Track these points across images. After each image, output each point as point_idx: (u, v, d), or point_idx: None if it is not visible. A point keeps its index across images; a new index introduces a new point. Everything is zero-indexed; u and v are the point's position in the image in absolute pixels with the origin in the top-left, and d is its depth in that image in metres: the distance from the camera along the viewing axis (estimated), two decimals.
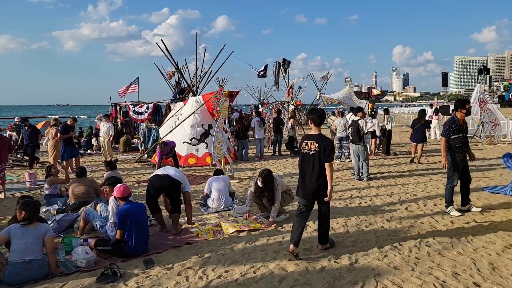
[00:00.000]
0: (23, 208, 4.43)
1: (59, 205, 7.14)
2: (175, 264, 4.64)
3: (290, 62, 21.43)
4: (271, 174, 6.25)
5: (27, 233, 4.31)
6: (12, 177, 11.06)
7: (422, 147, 11.87)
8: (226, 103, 11.30)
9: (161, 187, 5.84)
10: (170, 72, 20.11)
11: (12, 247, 4.28)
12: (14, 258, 4.22)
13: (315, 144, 4.63)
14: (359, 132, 9.43)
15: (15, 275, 4.19)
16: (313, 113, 4.81)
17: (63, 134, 10.86)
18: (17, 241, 4.26)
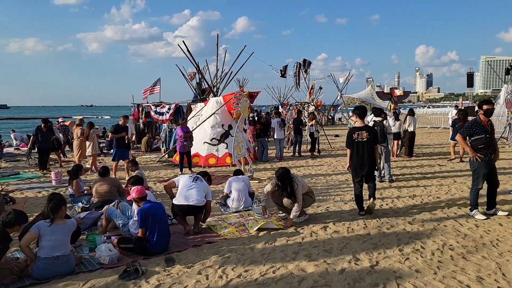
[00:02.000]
0: (49, 201, 4.57)
1: (83, 203, 7.32)
2: (195, 263, 4.69)
3: (311, 62, 21.32)
4: (286, 172, 6.17)
5: (56, 230, 4.44)
6: (39, 175, 11.39)
7: None
8: (246, 103, 11.35)
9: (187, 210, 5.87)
10: (191, 73, 20.31)
11: (41, 244, 4.42)
12: (43, 254, 4.36)
13: (366, 133, 6.36)
14: (384, 133, 9.32)
15: (43, 270, 4.33)
16: (358, 109, 6.62)
17: (113, 134, 10.56)
18: (47, 238, 4.40)
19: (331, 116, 35.43)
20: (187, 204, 5.79)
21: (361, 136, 6.35)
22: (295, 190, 6.08)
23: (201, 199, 5.83)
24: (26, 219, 4.72)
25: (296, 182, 6.13)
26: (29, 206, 7.70)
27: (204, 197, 5.89)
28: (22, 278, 4.33)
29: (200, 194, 5.86)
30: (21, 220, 4.56)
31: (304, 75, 21.27)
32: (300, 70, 21.20)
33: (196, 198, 5.81)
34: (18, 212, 4.61)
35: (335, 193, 8.25)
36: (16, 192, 8.96)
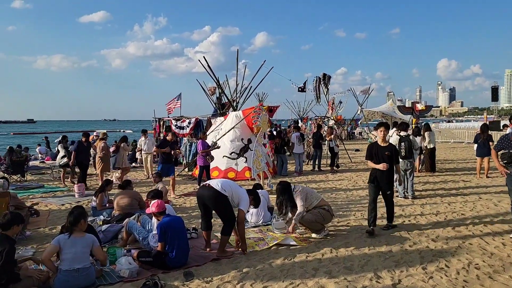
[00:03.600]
0: (69, 214, 4.66)
1: (105, 216, 7.42)
2: (214, 278, 4.67)
3: (331, 77, 21.30)
4: (284, 185, 6.43)
5: (76, 243, 4.51)
6: (62, 188, 11.64)
7: (488, 161, 11.65)
8: (266, 117, 11.39)
9: (202, 197, 5.48)
10: (212, 87, 20.55)
11: (62, 256, 4.49)
12: (64, 267, 4.42)
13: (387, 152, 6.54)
14: (411, 148, 9.18)
15: (64, 282, 4.38)
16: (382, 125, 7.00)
17: (158, 148, 10.30)
18: (67, 251, 4.47)
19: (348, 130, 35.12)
20: (207, 184, 5.53)
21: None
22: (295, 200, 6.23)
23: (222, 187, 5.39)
24: (22, 219, 4.73)
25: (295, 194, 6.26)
26: (52, 219, 7.87)
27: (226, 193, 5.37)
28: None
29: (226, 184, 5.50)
30: (18, 221, 4.53)
31: (324, 90, 21.24)
32: (320, 85, 21.20)
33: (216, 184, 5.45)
34: (14, 213, 4.66)
35: (356, 209, 8.12)
36: (41, 204, 9.16)
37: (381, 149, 6.45)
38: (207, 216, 5.64)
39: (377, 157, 6.44)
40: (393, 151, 6.47)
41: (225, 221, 5.46)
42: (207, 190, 5.44)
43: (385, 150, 6.43)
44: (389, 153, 6.37)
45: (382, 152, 6.40)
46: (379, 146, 6.52)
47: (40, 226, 7.25)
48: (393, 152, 6.45)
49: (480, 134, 11.94)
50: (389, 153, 6.37)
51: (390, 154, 6.37)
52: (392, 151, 6.46)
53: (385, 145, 6.51)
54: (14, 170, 13.27)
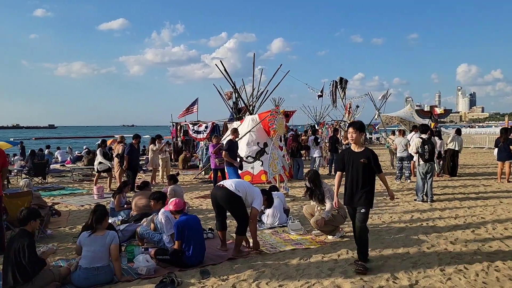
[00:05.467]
0: (93, 212, 4.77)
1: (123, 217, 7.55)
2: (230, 276, 4.71)
3: (347, 81, 21.21)
4: (317, 173, 6.43)
5: (95, 242, 4.60)
6: (82, 190, 11.88)
7: (509, 165, 11.42)
8: (282, 121, 11.42)
9: (215, 197, 5.51)
10: (228, 92, 20.70)
11: (82, 254, 4.60)
12: (84, 264, 4.52)
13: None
14: (434, 151, 9.06)
15: (84, 279, 4.49)
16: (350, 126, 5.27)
17: (227, 152, 9.74)
18: (87, 249, 4.58)
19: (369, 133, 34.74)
20: (221, 185, 5.58)
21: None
22: (324, 191, 6.16)
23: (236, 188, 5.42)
24: (38, 214, 4.82)
25: (323, 185, 6.27)
26: (72, 219, 8.04)
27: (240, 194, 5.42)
28: (64, 285, 4.51)
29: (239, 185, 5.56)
30: (34, 216, 4.63)
31: (341, 94, 21.14)
32: (336, 89, 21.11)
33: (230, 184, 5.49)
34: (30, 209, 4.76)
35: (373, 211, 8.03)
36: (61, 205, 9.37)
37: (355, 156, 4.88)
38: (221, 216, 5.67)
39: (350, 166, 4.91)
40: (372, 158, 4.82)
41: (239, 221, 5.49)
42: (220, 190, 5.49)
43: (360, 156, 4.85)
44: (366, 160, 4.80)
45: (356, 160, 4.85)
46: (352, 152, 4.94)
47: (60, 226, 7.42)
48: (371, 158, 4.82)
49: (500, 137, 11.74)
50: (365, 161, 4.80)
51: (366, 161, 4.80)
52: (370, 157, 4.82)
53: (359, 150, 4.92)
54: (35, 173, 13.63)
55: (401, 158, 12.29)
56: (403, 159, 12.22)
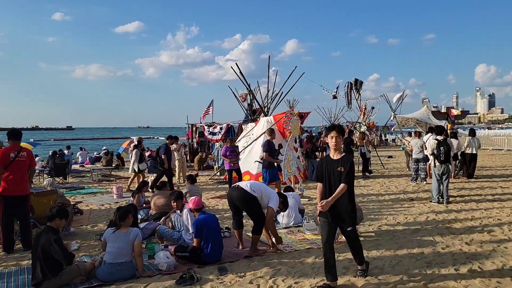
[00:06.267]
0: (117, 210, 4.97)
1: (142, 216, 7.77)
2: (247, 273, 4.85)
3: (362, 82, 21.16)
4: None
5: (119, 238, 4.80)
6: (101, 189, 12.19)
7: None
8: (297, 122, 11.52)
9: (231, 198, 5.67)
10: (243, 94, 20.88)
11: (107, 249, 4.80)
12: (108, 259, 4.72)
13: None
14: (449, 152, 9.04)
15: (108, 274, 4.68)
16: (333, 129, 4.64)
17: (268, 153, 9.58)
18: (111, 245, 4.77)
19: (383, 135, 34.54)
20: (236, 185, 5.75)
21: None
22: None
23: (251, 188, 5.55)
24: (66, 214, 5.04)
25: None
26: (93, 218, 8.29)
27: (255, 194, 5.51)
28: (89, 280, 4.70)
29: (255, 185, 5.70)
30: (61, 215, 4.84)
31: (356, 95, 21.12)
32: (351, 90, 21.10)
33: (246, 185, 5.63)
34: (59, 208, 4.98)
35: (388, 213, 8.10)
36: (82, 204, 9.66)
37: (333, 164, 4.36)
38: (238, 216, 5.82)
39: (328, 175, 4.39)
40: (349, 166, 4.28)
41: (255, 221, 5.62)
42: (236, 191, 5.65)
43: (337, 164, 4.33)
44: (342, 168, 4.28)
45: (333, 168, 4.34)
46: (330, 160, 4.42)
47: (82, 224, 7.68)
48: (348, 167, 4.28)
49: None
50: (342, 169, 4.28)
51: (343, 170, 4.27)
52: (347, 165, 4.28)
53: (338, 157, 4.38)
54: (57, 173, 14.02)
55: (416, 160, 12.26)
56: (418, 160, 12.20)
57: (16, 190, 5.96)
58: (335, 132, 4.36)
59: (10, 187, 5.90)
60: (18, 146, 6.16)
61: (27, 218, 6.17)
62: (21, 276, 4.84)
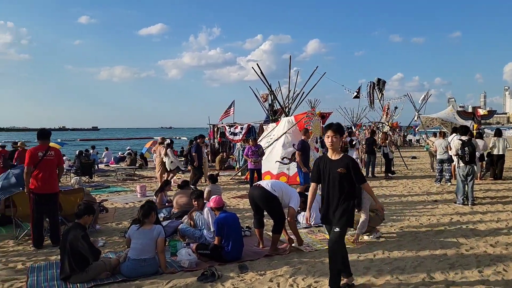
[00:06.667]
0: (141, 208, 5.11)
1: (165, 214, 7.93)
2: (267, 271, 4.90)
3: (385, 82, 20.87)
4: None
5: (143, 235, 4.93)
6: (126, 188, 12.47)
7: None
8: (318, 122, 11.50)
9: (252, 197, 5.71)
10: (264, 94, 20.93)
11: (131, 246, 4.94)
12: (132, 255, 4.86)
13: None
14: (474, 153, 8.86)
15: (132, 270, 4.82)
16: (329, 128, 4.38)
17: (300, 151, 9.66)
18: (135, 241, 4.91)
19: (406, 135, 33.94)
20: (257, 184, 5.84)
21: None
22: (362, 198, 6.04)
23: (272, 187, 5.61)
24: (93, 210, 5.22)
25: (363, 194, 6.08)
26: (118, 215, 8.51)
27: (276, 194, 5.59)
28: (114, 275, 4.85)
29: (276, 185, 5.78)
30: (89, 211, 5.03)
31: (379, 95, 20.86)
32: (373, 90, 20.85)
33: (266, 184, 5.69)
34: (87, 205, 5.15)
35: (410, 214, 8.00)
36: (107, 203, 9.91)
37: (332, 165, 4.14)
38: (258, 214, 5.86)
39: (326, 176, 4.19)
40: (351, 167, 4.08)
41: (276, 220, 5.65)
42: (257, 190, 5.70)
43: (337, 165, 4.11)
44: (344, 170, 4.07)
45: (333, 169, 4.12)
46: (329, 160, 4.19)
47: (108, 221, 7.90)
48: (350, 168, 4.08)
49: None
50: (343, 170, 4.06)
51: (345, 171, 4.07)
52: (349, 166, 4.08)
53: (337, 157, 4.16)
54: (83, 172, 14.42)
55: (441, 161, 12.04)
56: (443, 161, 11.97)
57: (45, 188, 6.18)
58: (331, 131, 4.11)
59: (39, 185, 6.13)
60: (46, 145, 6.39)
61: (56, 215, 6.38)
62: (50, 271, 5.03)
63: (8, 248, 6.14)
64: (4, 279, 4.79)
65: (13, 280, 4.74)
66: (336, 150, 4.17)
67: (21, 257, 5.64)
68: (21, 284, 4.62)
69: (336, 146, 4.15)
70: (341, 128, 4.21)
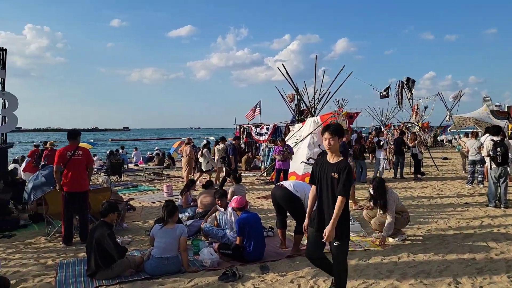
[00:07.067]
0: (162, 209, 5.21)
1: (189, 213, 8.04)
2: (288, 273, 4.88)
3: (415, 81, 20.33)
4: (382, 181, 6.20)
5: (166, 234, 5.02)
6: (153, 188, 12.73)
7: None
8: (344, 123, 11.35)
9: (275, 197, 5.74)
10: (290, 95, 20.86)
11: (155, 244, 5.04)
12: (156, 254, 4.96)
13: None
14: (507, 153, 8.53)
15: (155, 268, 4.92)
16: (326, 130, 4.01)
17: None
18: (159, 240, 5.01)
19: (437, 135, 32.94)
20: (280, 184, 5.85)
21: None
22: (387, 200, 5.95)
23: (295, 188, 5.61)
24: (117, 208, 5.34)
25: (388, 193, 6.02)
26: (144, 214, 8.70)
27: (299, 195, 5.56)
28: (138, 272, 4.96)
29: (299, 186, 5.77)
30: (113, 209, 5.16)
31: (408, 95, 20.36)
32: (402, 89, 20.36)
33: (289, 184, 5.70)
34: (110, 202, 5.29)
35: (439, 216, 7.77)
36: (135, 201, 10.15)
37: (328, 168, 3.83)
38: (281, 215, 5.86)
39: (322, 179, 3.89)
40: (342, 174, 3.69)
41: (298, 221, 5.62)
42: (280, 190, 5.70)
43: (332, 169, 3.78)
44: (336, 174, 3.72)
45: (328, 172, 3.80)
46: (326, 163, 3.90)
47: (134, 220, 8.08)
48: (345, 175, 3.68)
49: None
50: (335, 175, 3.72)
51: (337, 176, 3.71)
52: (344, 173, 3.68)
53: (334, 160, 3.83)
54: (112, 171, 14.82)
55: (473, 162, 11.65)
56: (475, 162, 11.58)
57: (74, 187, 6.40)
58: (328, 134, 3.82)
59: (69, 183, 6.35)
60: (75, 145, 6.60)
61: (86, 213, 6.59)
62: (78, 267, 5.20)
63: (40, 244, 6.40)
64: (35, 274, 4.99)
65: (43, 276, 4.93)
66: (335, 153, 3.87)
67: (52, 253, 5.86)
68: (50, 280, 4.80)
69: (334, 149, 3.85)
70: (339, 130, 3.86)
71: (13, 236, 6.86)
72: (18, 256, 5.76)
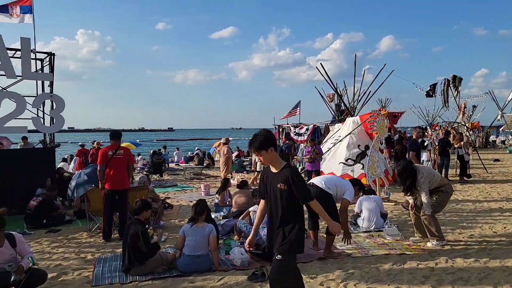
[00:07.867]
0: (193, 208, 5.30)
1: (224, 213, 8.14)
2: (318, 275, 4.81)
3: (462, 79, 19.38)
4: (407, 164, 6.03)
5: (196, 232, 5.11)
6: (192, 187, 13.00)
7: None
8: (383, 122, 11.02)
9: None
10: (330, 94, 20.57)
11: (186, 242, 5.14)
12: (186, 252, 5.06)
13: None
14: None
15: (186, 265, 5.02)
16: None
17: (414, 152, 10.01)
18: (189, 238, 5.10)
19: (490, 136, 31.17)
20: (310, 183, 5.83)
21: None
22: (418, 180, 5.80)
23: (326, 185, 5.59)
24: (149, 205, 5.52)
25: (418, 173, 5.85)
26: (182, 212, 8.90)
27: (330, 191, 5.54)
28: (170, 269, 5.09)
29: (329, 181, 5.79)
30: (146, 207, 5.36)
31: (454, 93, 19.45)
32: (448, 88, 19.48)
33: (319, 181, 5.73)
34: (142, 201, 5.47)
35: (484, 221, 7.36)
36: (173, 200, 10.41)
37: (273, 178, 3.39)
38: (313, 216, 5.77)
39: (269, 192, 3.44)
40: (291, 182, 3.24)
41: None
42: (311, 188, 5.58)
43: (277, 179, 3.34)
44: (284, 186, 3.26)
45: (274, 183, 3.36)
46: (270, 172, 3.44)
47: (171, 218, 8.29)
48: (290, 182, 3.24)
49: None
50: (283, 186, 3.27)
51: (286, 187, 3.26)
52: (289, 181, 3.25)
53: (276, 170, 3.36)
54: (154, 170, 15.29)
55: None
56: None
57: (115, 185, 6.66)
58: (253, 150, 3.42)
59: (110, 182, 6.62)
60: (116, 145, 6.87)
61: (125, 211, 6.84)
62: (115, 262, 5.41)
63: (82, 239, 6.72)
64: (75, 268, 5.24)
65: (82, 269, 5.18)
66: (272, 162, 3.38)
67: (91, 249, 6.14)
68: (88, 274, 5.03)
69: (269, 161, 3.37)
70: (263, 143, 3.30)
71: (59, 231, 7.26)
72: (61, 250, 6.08)
